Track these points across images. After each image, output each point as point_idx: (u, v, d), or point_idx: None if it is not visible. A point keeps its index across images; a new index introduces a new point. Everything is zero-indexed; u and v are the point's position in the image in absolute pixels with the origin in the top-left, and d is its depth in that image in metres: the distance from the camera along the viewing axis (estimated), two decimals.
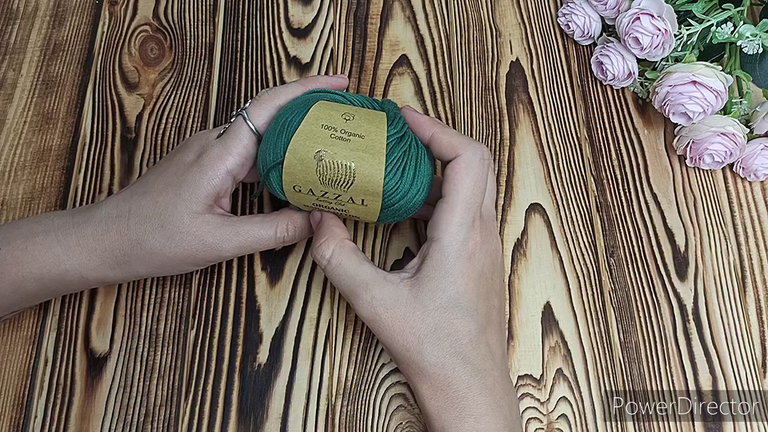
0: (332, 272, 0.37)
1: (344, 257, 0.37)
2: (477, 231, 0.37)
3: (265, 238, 0.40)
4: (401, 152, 0.37)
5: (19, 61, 0.52)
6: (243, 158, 0.39)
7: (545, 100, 0.52)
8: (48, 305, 0.45)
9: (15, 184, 0.48)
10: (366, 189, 0.37)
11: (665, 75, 0.46)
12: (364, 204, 0.37)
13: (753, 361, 0.44)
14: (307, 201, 0.38)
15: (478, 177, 0.37)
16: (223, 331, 0.44)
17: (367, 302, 0.36)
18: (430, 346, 0.35)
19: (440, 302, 0.36)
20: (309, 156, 0.36)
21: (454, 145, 0.38)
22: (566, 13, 0.52)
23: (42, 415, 0.42)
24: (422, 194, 0.38)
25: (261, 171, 0.38)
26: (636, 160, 0.50)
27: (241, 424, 0.42)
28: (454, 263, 0.36)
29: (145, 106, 0.51)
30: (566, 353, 0.44)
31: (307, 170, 0.36)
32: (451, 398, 0.35)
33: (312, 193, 0.37)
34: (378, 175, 0.36)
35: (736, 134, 0.45)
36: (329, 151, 0.36)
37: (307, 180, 0.37)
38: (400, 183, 0.37)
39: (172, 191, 0.38)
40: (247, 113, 0.39)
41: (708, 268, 0.47)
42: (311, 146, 0.36)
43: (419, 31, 0.54)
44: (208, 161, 0.38)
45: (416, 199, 0.38)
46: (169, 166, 0.40)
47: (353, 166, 0.36)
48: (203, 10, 0.55)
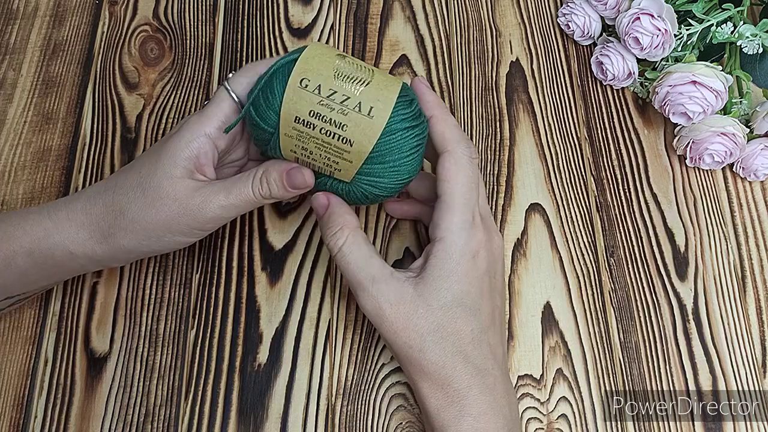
0: (342, 260, 0.37)
1: (356, 247, 0.37)
2: (479, 229, 0.37)
3: (243, 194, 0.38)
4: (413, 112, 0.37)
5: (19, 61, 0.52)
6: (221, 122, 0.39)
7: (545, 100, 0.52)
8: (48, 305, 0.45)
9: (15, 184, 0.48)
10: (380, 92, 0.36)
11: (665, 75, 0.46)
12: (370, 115, 0.36)
13: (753, 361, 0.44)
14: (306, 105, 0.36)
15: (471, 174, 0.38)
16: (223, 331, 0.44)
17: (372, 296, 0.36)
18: (432, 345, 0.35)
19: (444, 301, 0.36)
20: (330, 53, 0.37)
21: (446, 138, 0.38)
22: (566, 13, 0.52)
23: (42, 415, 0.42)
24: (410, 166, 0.38)
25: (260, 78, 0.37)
26: (636, 160, 0.50)
27: (241, 424, 0.42)
28: (459, 262, 0.36)
29: (145, 106, 0.51)
30: (566, 353, 0.44)
31: (324, 63, 0.36)
32: (451, 397, 0.35)
33: (319, 92, 0.36)
34: (395, 86, 0.37)
35: (736, 134, 0.45)
36: (348, 58, 0.37)
37: (320, 72, 0.36)
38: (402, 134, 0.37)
39: (152, 160, 0.38)
40: (228, 83, 0.39)
41: (708, 268, 0.47)
42: (330, 52, 0.37)
43: (419, 31, 0.54)
44: (186, 127, 0.39)
45: (404, 167, 0.37)
46: (156, 143, 0.40)
47: (373, 71, 0.37)
48: (203, 10, 0.55)
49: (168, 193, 0.38)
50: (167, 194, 0.38)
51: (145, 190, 0.38)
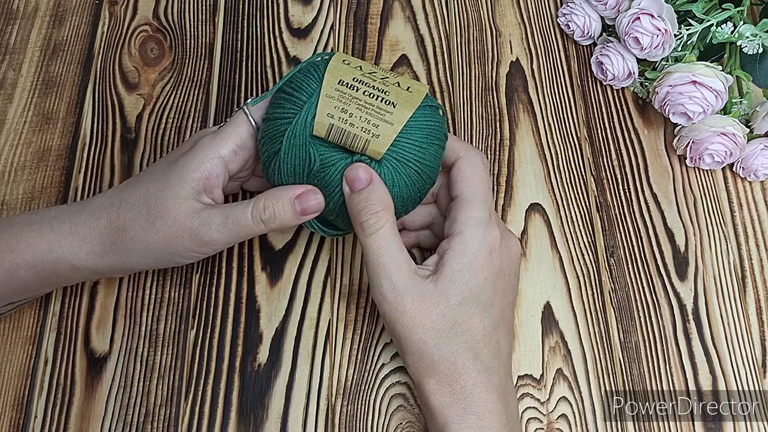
0: (374, 244, 0.36)
1: (392, 235, 0.36)
2: (495, 227, 0.38)
3: (240, 220, 0.37)
4: (438, 120, 0.39)
5: (19, 61, 0.52)
6: (236, 146, 0.39)
7: (545, 100, 0.52)
8: (48, 305, 0.45)
9: (15, 184, 0.48)
10: (410, 82, 0.38)
11: (665, 75, 0.46)
12: (409, 90, 0.38)
13: (753, 361, 0.44)
14: (350, 74, 0.38)
15: (485, 176, 0.39)
16: (223, 331, 0.44)
17: (397, 289, 0.36)
18: (446, 341, 0.35)
19: (462, 297, 0.36)
20: (356, 61, 0.39)
21: (455, 148, 0.40)
22: (566, 13, 0.52)
23: (42, 415, 0.42)
24: (432, 164, 0.38)
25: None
26: (636, 160, 0.50)
27: (241, 424, 0.42)
28: (476, 256, 0.36)
29: (145, 106, 0.51)
30: (566, 353, 0.44)
31: (349, 69, 0.38)
32: (458, 394, 0.35)
33: (361, 69, 0.38)
34: (423, 85, 0.39)
35: (736, 134, 0.45)
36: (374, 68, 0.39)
37: (349, 72, 0.38)
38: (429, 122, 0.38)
39: (162, 178, 0.38)
40: (247, 107, 0.39)
41: (708, 268, 0.47)
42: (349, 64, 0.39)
43: (419, 31, 0.54)
44: (200, 148, 0.38)
45: (428, 158, 0.38)
46: (166, 158, 0.40)
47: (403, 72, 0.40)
48: (203, 10, 0.55)
49: (170, 213, 0.37)
50: (168, 214, 0.37)
51: (149, 208, 0.37)
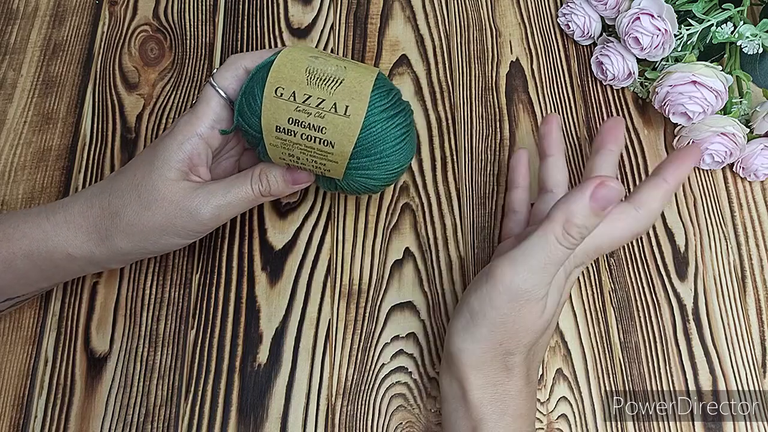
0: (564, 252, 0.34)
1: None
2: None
3: (242, 192, 0.39)
4: (392, 101, 0.37)
5: (19, 61, 0.52)
6: (212, 120, 0.39)
7: (545, 100, 0.52)
8: (48, 305, 0.45)
9: (15, 184, 0.48)
10: (354, 89, 0.36)
11: (665, 75, 0.46)
12: (347, 114, 0.36)
13: (753, 361, 0.44)
14: (284, 113, 0.36)
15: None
16: (223, 331, 0.44)
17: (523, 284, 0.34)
18: (532, 346, 0.36)
19: (557, 299, 0.36)
20: (302, 56, 0.37)
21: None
22: (566, 13, 0.52)
23: (42, 415, 0.42)
24: (399, 155, 0.38)
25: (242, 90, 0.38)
26: (636, 160, 0.50)
27: (241, 424, 0.42)
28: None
29: (145, 106, 0.51)
30: (566, 353, 0.44)
31: (296, 68, 0.36)
32: (500, 395, 0.36)
33: (294, 98, 0.36)
34: (369, 76, 0.37)
35: (736, 134, 0.45)
36: (321, 58, 0.37)
37: (293, 79, 0.36)
38: (383, 125, 0.37)
39: (147, 164, 0.39)
40: (213, 78, 0.39)
41: (708, 268, 0.47)
42: (302, 56, 0.37)
43: (419, 31, 0.54)
44: (177, 129, 0.39)
45: (393, 156, 0.37)
46: (150, 145, 0.41)
47: (346, 66, 0.37)
48: (203, 10, 0.55)
49: (164, 196, 0.38)
50: (163, 197, 0.38)
51: (141, 193, 0.38)
